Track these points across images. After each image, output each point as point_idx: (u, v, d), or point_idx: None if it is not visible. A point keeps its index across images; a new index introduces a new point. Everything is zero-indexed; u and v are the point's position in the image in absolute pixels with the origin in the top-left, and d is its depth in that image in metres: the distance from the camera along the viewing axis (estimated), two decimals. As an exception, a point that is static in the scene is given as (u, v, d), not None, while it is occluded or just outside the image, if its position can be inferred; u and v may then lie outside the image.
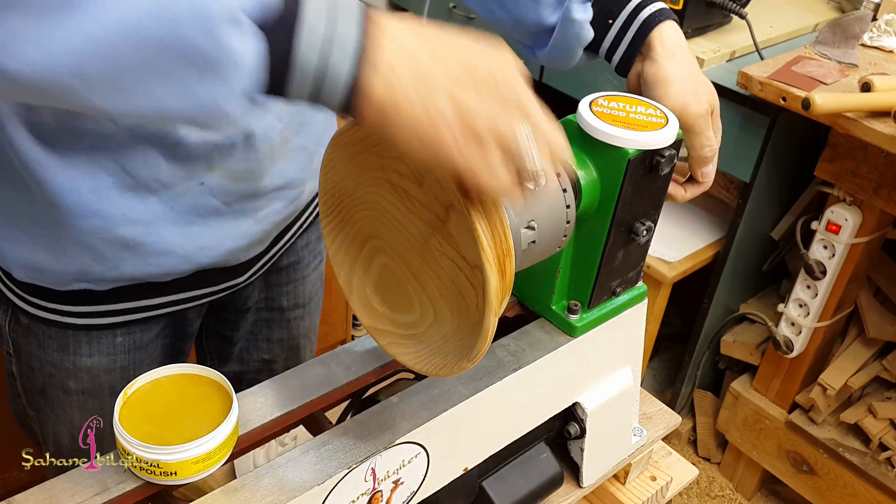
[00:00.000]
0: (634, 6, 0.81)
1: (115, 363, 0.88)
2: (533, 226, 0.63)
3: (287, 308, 1.06)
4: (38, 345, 0.86)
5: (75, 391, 0.88)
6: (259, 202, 0.85)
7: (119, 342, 0.87)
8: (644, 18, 0.80)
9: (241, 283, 0.92)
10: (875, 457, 1.74)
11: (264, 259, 0.94)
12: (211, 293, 0.90)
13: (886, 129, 1.36)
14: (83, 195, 0.74)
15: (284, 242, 0.97)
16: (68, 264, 0.78)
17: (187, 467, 0.61)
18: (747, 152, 1.64)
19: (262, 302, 1.03)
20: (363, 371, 0.75)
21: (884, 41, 1.65)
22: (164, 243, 0.79)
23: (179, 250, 0.81)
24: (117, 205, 0.76)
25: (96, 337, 0.85)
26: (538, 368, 0.73)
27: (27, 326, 0.85)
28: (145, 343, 0.89)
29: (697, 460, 2.10)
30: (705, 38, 1.73)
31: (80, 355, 0.86)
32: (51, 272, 0.79)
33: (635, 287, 0.80)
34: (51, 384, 0.88)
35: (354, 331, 2.07)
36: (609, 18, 0.82)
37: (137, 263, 0.80)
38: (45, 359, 0.87)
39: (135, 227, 0.77)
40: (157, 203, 0.77)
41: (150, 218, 0.78)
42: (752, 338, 1.94)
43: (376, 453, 0.64)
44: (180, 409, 0.65)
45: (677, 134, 0.69)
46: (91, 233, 0.76)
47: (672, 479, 0.94)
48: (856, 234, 1.60)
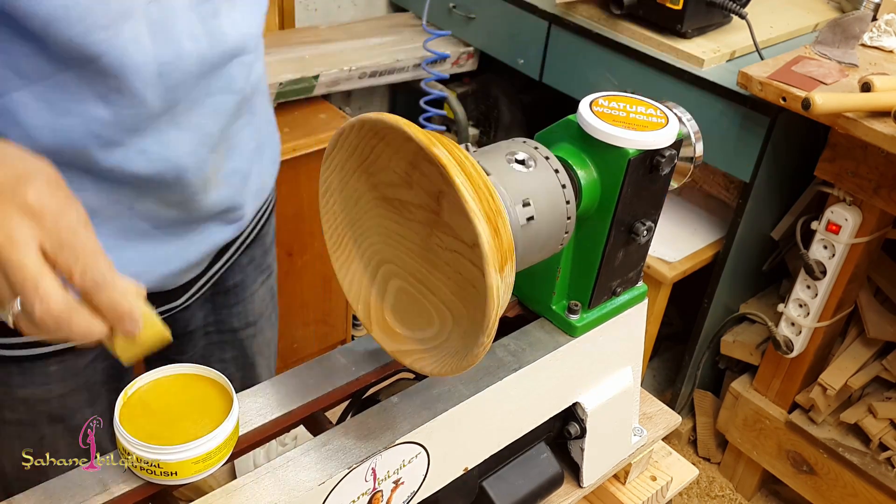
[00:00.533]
0: None
1: (50, 392, 0.85)
2: (528, 202, 0.63)
3: (238, 328, 1.03)
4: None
5: (12, 421, 0.85)
6: (193, 227, 0.82)
7: (52, 371, 0.84)
8: None
9: (179, 306, 0.89)
10: (875, 457, 1.74)
11: (202, 280, 0.91)
12: None
13: (886, 129, 1.36)
14: None
15: (224, 262, 0.94)
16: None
17: (188, 467, 0.61)
18: (747, 152, 1.64)
19: (212, 325, 1.01)
20: (363, 371, 0.75)
21: (884, 41, 1.66)
22: None
23: None
24: None
25: (28, 368, 0.82)
26: (538, 368, 0.73)
27: None
28: (81, 368, 0.86)
29: (697, 460, 2.10)
30: (705, 38, 1.73)
31: (13, 386, 0.83)
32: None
33: (635, 287, 0.80)
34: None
35: (354, 331, 2.07)
36: None
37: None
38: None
39: None
40: None
41: None
42: (752, 338, 1.94)
43: (376, 453, 0.64)
44: (181, 408, 0.65)
45: (678, 134, 0.69)
46: None
47: (672, 479, 0.94)
48: (856, 234, 1.60)
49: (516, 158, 0.64)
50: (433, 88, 2.08)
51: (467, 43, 2.15)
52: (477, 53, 2.17)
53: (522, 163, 0.64)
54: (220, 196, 0.82)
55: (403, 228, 0.61)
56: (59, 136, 0.68)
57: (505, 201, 0.61)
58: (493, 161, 0.64)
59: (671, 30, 1.70)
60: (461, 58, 2.15)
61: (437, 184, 0.56)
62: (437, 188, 0.56)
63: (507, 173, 0.63)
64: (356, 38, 2.11)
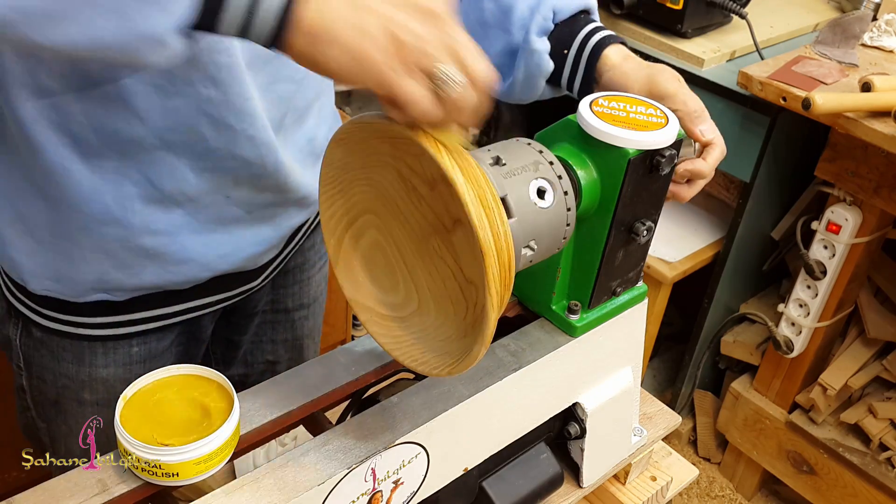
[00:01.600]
0: (585, 34, 0.83)
1: (130, 373, 0.87)
2: (533, 246, 0.63)
3: (292, 309, 1.06)
4: (52, 357, 0.85)
5: (90, 402, 0.88)
6: (279, 210, 0.86)
7: (135, 352, 0.86)
8: (594, 45, 0.83)
9: (255, 286, 0.93)
10: (875, 457, 1.74)
11: (276, 262, 0.95)
12: (226, 298, 0.90)
13: (886, 129, 1.36)
14: (106, 203, 0.74)
15: (294, 245, 0.97)
16: (88, 272, 0.78)
17: (189, 468, 0.61)
18: (747, 152, 1.64)
19: (268, 304, 1.04)
20: (363, 371, 0.75)
21: (884, 41, 1.65)
22: (185, 252, 0.80)
23: (200, 258, 0.81)
24: (140, 215, 0.76)
25: (112, 347, 0.85)
26: (538, 368, 0.73)
27: (40, 339, 0.85)
28: (160, 351, 0.89)
29: (697, 460, 2.10)
30: (705, 38, 1.73)
31: (96, 366, 0.86)
32: (69, 281, 0.79)
33: (635, 287, 0.80)
34: (65, 396, 0.87)
35: (354, 331, 2.07)
36: (564, 49, 0.84)
37: (157, 272, 0.80)
38: (59, 371, 0.86)
39: (157, 238, 0.77)
40: (181, 215, 0.78)
41: (172, 229, 0.78)
42: (753, 338, 1.94)
43: (376, 453, 0.64)
44: (182, 409, 0.65)
45: (678, 134, 0.69)
46: (113, 240, 0.76)
47: (672, 479, 0.94)
48: (856, 234, 1.60)
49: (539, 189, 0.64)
50: (433, 88, 2.07)
51: (467, 43, 2.15)
52: (477, 53, 2.17)
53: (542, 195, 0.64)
54: (307, 181, 0.86)
55: (406, 206, 0.61)
56: (170, 116, 0.71)
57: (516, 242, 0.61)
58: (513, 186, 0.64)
59: (671, 30, 1.70)
60: (461, 58, 2.15)
61: (458, 211, 0.55)
62: (457, 215, 0.56)
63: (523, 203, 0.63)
64: (356, 38, 2.11)
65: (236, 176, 0.78)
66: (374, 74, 0.51)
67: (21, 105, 0.70)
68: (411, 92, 0.51)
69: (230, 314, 1.00)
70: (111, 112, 0.70)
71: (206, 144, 0.74)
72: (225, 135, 0.74)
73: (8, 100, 0.70)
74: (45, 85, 0.69)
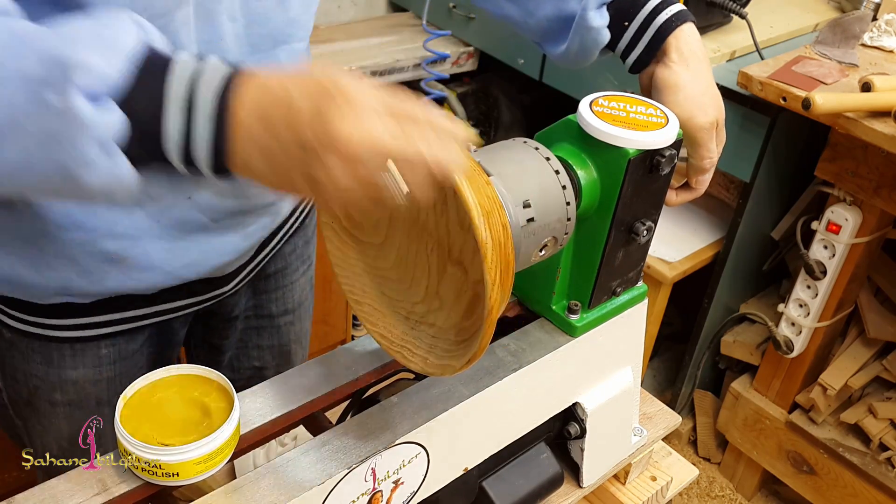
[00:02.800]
0: (651, 9, 0.80)
1: (100, 374, 0.86)
2: (528, 203, 0.63)
3: (276, 315, 1.05)
4: (22, 358, 0.85)
5: (62, 403, 0.87)
6: (247, 218, 0.84)
7: (104, 353, 0.86)
8: (661, 23, 0.80)
9: (227, 292, 0.91)
10: (875, 457, 1.74)
11: (249, 267, 0.93)
12: (196, 303, 0.89)
13: (886, 129, 1.36)
14: (68, 207, 0.73)
15: (270, 250, 0.96)
16: (51, 278, 0.77)
17: (189, 468, 0.61)
18: (747, 152, 1.64)
19: (250, 310, 1.02)
20: (363, 371, 0.75)
21: (884, 41, 1.65)
22: (148, 258, 0.78)
23: (164, 266, 0.80)
24: (103, 218, 0.75)
25: (80, 350, 0.84)
26: (538, 368, 0.73)
27: (10, 340, 0.84)
28: (131, 353, 0.88)
29: (697, 460, 2.10)
30: (705, 38, 1.73)
31: (65, 368, 0.85)
32: (32, 286, 0.78)
33: (635, 287, 0.80)
34: (37, 396, 0.87)
35: (354, 331, 2.07)
36: (625, 21, 0.81)
37: (121, 278, 0.79)
38: (29, 371, 0.85)
39: (120, 241, 0.76)
40: (143, 217, 0.76)
41: (135, 232, 0.77)
42: (752, 338, 1.94)
43: (376, 453, 0.64)
44: (182, 410, 0.65)
45: (677, 134, 0.69)
46: (75, 246, 0.75)
47: (672, 479, 0.94)
48: (856, 234, 1.60)
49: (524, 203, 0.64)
50: (433, 88, 2.08)
51: (467, 43, 2.15)
52: (477, 53, 2.17)
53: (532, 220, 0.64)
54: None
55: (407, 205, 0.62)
56: None
57: (505, 201, 0.61)
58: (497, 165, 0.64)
59: (671, 30, 1.70)
60: (461, 58, 2.15)
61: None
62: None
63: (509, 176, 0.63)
64: (356, 38, 2.11)
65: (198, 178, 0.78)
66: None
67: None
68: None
69: (207, 318, 0.99)
70: None
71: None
72: None
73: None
74: None
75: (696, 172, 0.81)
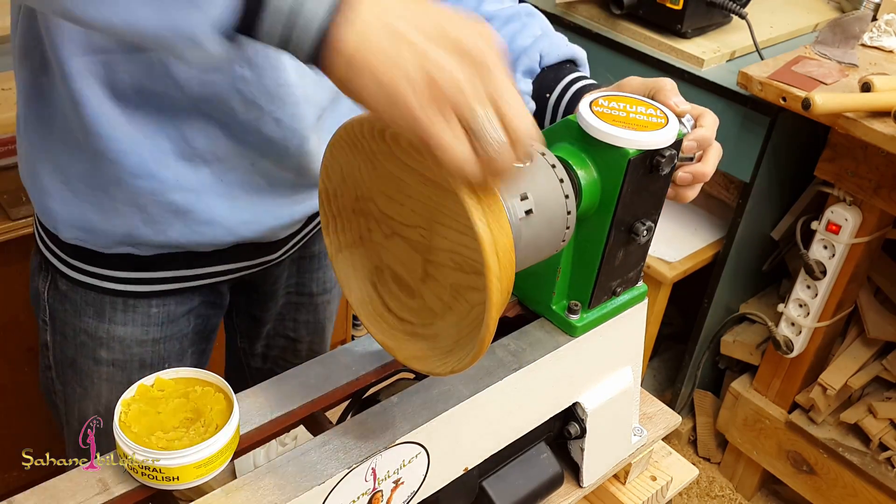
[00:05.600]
0: (568, 81, 0.86)
1: (147, 334, 0.90)
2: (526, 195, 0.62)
3: (316, 293, 1.10)
4: (74, 311, 0.88)
5: (106, 361, 0.90)
6: (301, 190, 0.88)
7: (154, 313, 0.89)
8: (574, 91, 0.85)
9: (273, 259, 0.96)
10: (875, 457, 1.74)
11: (297, 238, 0.98)
12: (246, 267, 0.93)
13: (886, 129, 1.36)
14: (143, 156, 0.77)
15: (316, 224, 1.00)
16: (118, 225, 0.81)
17: (189, 472, 0.61)
18: (747, 152, 1.64)
19: (292, 287, 1.07)
20: (363, 371, 0.75)
21: (884, 41, 1.66)
22: (210, 213, 0.82)
23: (224, 221, 0.84)
24: (172, 170, 0.79)
25: (132, 305, 0.88)
26: (538, 368, 0.73)
27: (65, 292, 0.88)
28: (178, 316, 0.92)
29: (697, 460, 2.10)
30: (705, 38, 1.73)
31: (115, 323, 0.88)
32: (99, 232, 0.82)
33: (635, 287, 0.80)
34: (82, 353, 0.90)
35: (354, 331, 2.07)
36: (546, 93, 0.87)
37: (184, 230, 0.82)
38: (79, 326, 0.89)
39: (186, 194, 0.80)
40: (208, 174, 0.81)
41: (200, 187, 0.81)
42: (752, 338, 1.94)
43: (376, 453, 0.64)
44: (181, 412, 0.64)
45: (678, 134, 0.69)
46: (145, 194, 0.79)
47: (672, 479, 0.94)
48: (856, 234, 1.60)
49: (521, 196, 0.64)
50: (433, 88, 2.07)
51: (467, 43, 2.15)
52: (477, 53, 2.17)
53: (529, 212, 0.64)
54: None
55: (408, 204, 0.61)
56: (207, 87, 0.76)
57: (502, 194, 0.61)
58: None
59: (671, 30, 1.70)
60: (461, 58, 2.15)
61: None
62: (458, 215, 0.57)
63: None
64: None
65: (261, 150, 0.81)
66: (405, 115, 0.48)
67: (70, 58, 0.73)
68: (444, 140, 0.48)
69: (251, 290, 1.04)
70: (153, 76, 0.74)
71: (236, 117, 0.78)
72: (253, 112, 0.78)
73: (57, 53, 0.73)
74: (95, 42, 0.73)
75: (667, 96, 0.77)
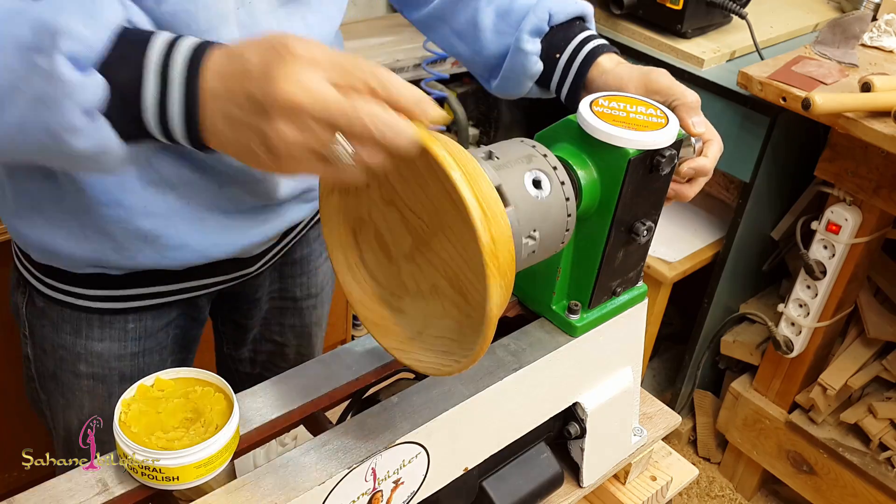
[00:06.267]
0: (580, 41, 0.85)
1: (125, 349, 0.90)
2: (535, 236, 0.63)
3: (300, 298, 1.09)
4: (52, 327, 0.88)
5: (85, 375, 0.90)
6: (272, 209, 0.88)
7: (130, 328, 0.89)
8: (587, 52, 0.84)
9: (252, 272, 0.95)
10: (875, 457, 1.74)
11: (275, 251, 0.97)
12: (222, 282, 0.92)
13: (886, 129, 1.36)
14: (108, 184, 0.77)
15: (295, 235, 0.99)
16: (87, 250, 0.81)
17: (189, 472, 0.61)
18: (747, 152, 1.64)
19: (275, 293, 1.06)
20: (363, 371, 0.75)
21: (884, 41, 1.65)
22: (179, 237, 0.82)
23: (194, 244, 0.83)
24: (140, 197, 0.78)
25: (108, 322, 0.88)
26: (538, 368, 0.73)
27: (42, 309, 0.88)
28: (156, 331, 0.91)
29: (697, 460, 2.10)
30: (705, 38, 1.73)
31: (92, 339, 0.88)
32: (67, 256, 0.82)
33: (635, 287, 0.80)
34: (62, 368, 0.90)
35: (354, 331, 2.07)
36: (556, 53, 0.86)
37: (153, 255, 0.82)
38: (57, 342, 0.88)
39: (154, 220, 0.80)
40: (175, 198, 0.80)
41: (168, 212, 0.80)
42: (752, 338, 1.94)
43: (376, 453, 0.64)
44: (181, 412, 0.64)
45: (678, 134, 0.69)
46: (113, 222, 0.79)
47: (672, 479, 0.94)
48: (856, 234, 1.60)
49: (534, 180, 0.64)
50: (433, 89, 2.08)
51: (467, 43, 2.15)
52: (477, 53, 2.17)
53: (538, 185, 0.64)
54: (298, 183, 0.88)
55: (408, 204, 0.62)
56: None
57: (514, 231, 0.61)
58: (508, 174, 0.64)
59: (671, 30, 1.70)
60: (461, 58, 2.15)
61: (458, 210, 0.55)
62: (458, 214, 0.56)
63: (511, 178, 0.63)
64: (356, 38, 2.11)
65: (224, 177, 0.81)
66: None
67: None
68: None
69: (232, 299, 1.03)
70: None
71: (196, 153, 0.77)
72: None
73: None
74: None
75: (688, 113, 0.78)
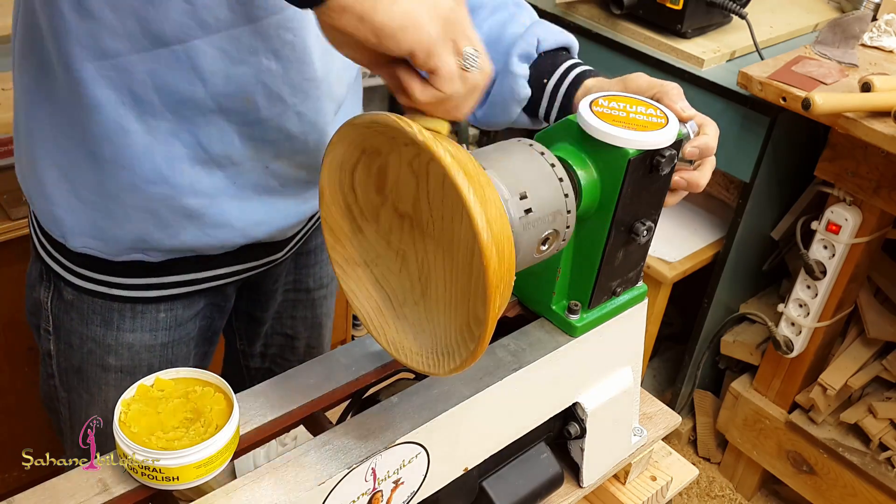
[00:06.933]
0: (567, 67, 0.86)
1: (155, 339, 0.90)
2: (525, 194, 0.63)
3: (313, 289, 1.10)
4: (81, 320, 0.88)
5: (114, 368, 0.90)
6: (312, 187, 0.89)
7: (161, 318, 0.90)
8: (574, 76, 0.85)
9: (279, 258, 0.97)
10: (875, 457, 1.74)
11: (299, 236, 0.99)
12: (252, 268, 0.94)
13: (886, 129, 1.36)
14: (157, 162, 0.78)
15: (314, 221, 1.01)
16: (129, 230, 0.81)
17: (189, 472, 0.61)
18: (747, 152, 1.64)
19: (290, 283, 1.08)
20: (363, 371, 0.75)
21: (884, 41, 1.66)
22: (223, 216, 0.83)
23: (236, 223, 0.84)
24: (187, 175, 0.79)
25: (140, 311, 0.88)
26: (538, 368, 0.73)
27: (70, 301, 0.88)
28: (185, 320, 0.92)
29: (697, 460, 2.10)
30: (705, 38, 1.73)
31: (123, 330, 0.89)
32: (110, 238, 0.82)
33: (635, 287, 0.80)
34: (89, 361, 0.90)
35: (354, 331, 2.07)
36: (544, 78, 0.87)
37: (196, 234, 0.83)
38: (86, 334, 0.89)
39: (199, 199, 0.81)
40: (222, 178, 0.81)
41: (213, 191, 0.81)
42: (752, 338, 1.94)
43: (376, 453, 0.64)
44: (181, 412, 0.64)
45: (678, 134, 0.69)
46: (158, 199, 0.80)
47: (672, 479, 0.94)
48: (856, 234, 1.60)
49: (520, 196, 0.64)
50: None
51: (467, 43, 2.15)
52: (477, 53, 2.17)
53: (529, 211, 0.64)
54: None
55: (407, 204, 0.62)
56: (231, 82, 0.76)
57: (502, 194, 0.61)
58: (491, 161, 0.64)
59: (671, 30, 1.70)
60: (461, 58, 2.15)
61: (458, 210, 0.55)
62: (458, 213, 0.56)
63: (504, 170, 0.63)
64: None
65: (278, 149, 0.82)
66: (422, 39, 0.53)
67: (82, 65, 0.73)
68: (447, 64, 0.54)
69: (252, 290, 1.04)
70: (176, 72, 0.74)
71: (258, 114, 0.78)
72: (276, 107, 0.79)
73: (68, 60, 0.73)
74: (108, 46, 0.72)
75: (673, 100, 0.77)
